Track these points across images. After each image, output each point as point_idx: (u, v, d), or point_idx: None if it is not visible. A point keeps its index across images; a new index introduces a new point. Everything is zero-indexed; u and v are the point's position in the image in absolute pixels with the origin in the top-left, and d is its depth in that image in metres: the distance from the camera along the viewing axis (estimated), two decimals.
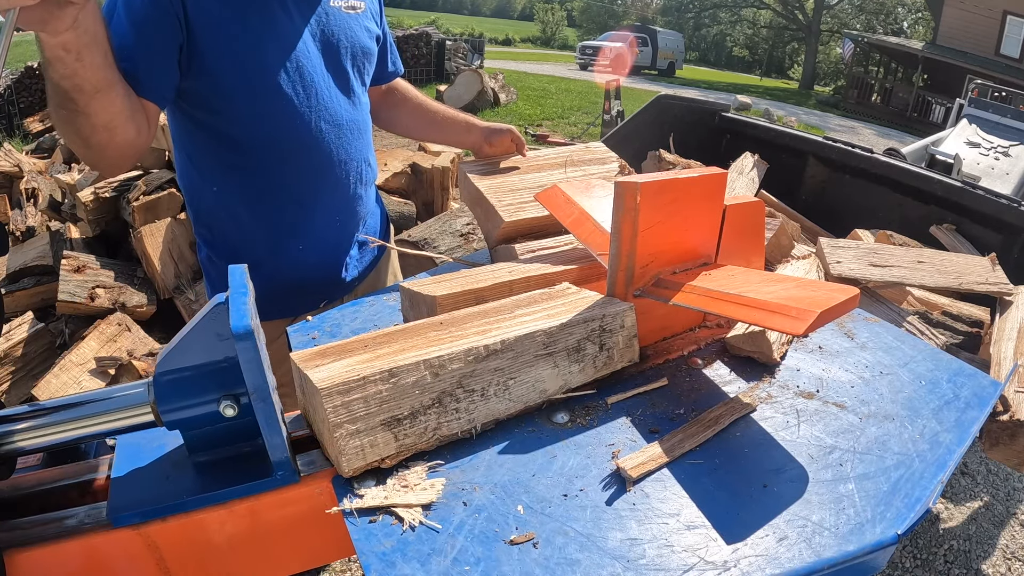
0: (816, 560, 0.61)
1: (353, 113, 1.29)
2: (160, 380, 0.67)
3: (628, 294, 0.88)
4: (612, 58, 20.91)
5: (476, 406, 0.73)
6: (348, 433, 0.66)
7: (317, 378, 0.67)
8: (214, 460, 0.71)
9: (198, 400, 0.68)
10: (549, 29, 46.49)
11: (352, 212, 1.35)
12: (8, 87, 8.12)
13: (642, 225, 0.84)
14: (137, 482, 0.69)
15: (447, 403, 0.71)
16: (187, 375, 0.67)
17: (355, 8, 1.28)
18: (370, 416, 0.67)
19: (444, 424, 0.71)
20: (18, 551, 0.62)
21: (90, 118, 0.97)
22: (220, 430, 0.70)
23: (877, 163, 2.20)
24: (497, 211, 1.21)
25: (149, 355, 2.62)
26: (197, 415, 0.69)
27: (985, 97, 6.49)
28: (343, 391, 0.66)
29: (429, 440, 0.71)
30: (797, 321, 0.70)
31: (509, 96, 11.68)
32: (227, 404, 0.67)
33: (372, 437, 0.67)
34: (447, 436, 0.72)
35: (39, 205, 3.98)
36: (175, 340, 0.67)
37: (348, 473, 0.67)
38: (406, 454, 0.70)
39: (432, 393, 0.70)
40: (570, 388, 0.81)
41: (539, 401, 0.78)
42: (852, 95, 18.98)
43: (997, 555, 2.19)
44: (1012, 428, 1.09)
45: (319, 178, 1.26)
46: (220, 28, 1.09)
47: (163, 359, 0.67)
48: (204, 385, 0.68)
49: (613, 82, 7.71)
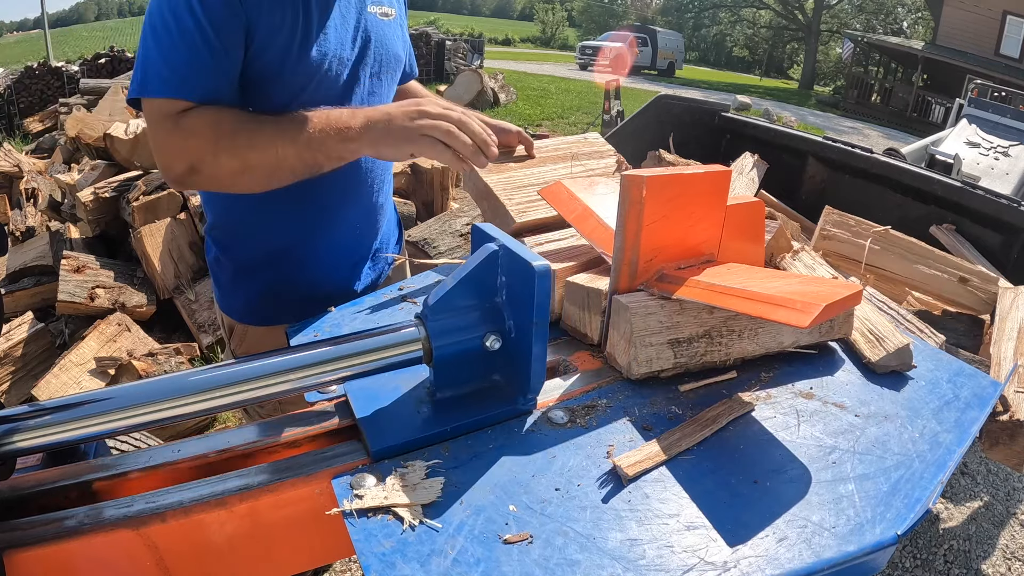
0: (816, 560, 0.61)
1: None
2: (433, 318, 0.75)
3: (632, 287, 0.89)
4: (612, 58, 20.92)
5: (732, 343, 0.88)
6: (644, 343, 0.82)
7: (627, 300, 0.84)
8: (455, 396, 0.79)
9: (467, 336, 0.77)
10: (549, 29, 46.51)
11: (372, 221, 1.35)
12: (8, 87, 8.12)
13: (647, 219, 0.85)
14: (387, 421, 0.76)
15: (713, 336, 0.86)
16: (457, 314, 0.76)
17: (388, 15, 1.26)
18: (660, 334, 0.83)
19: (708, 352, 0.86)
20: (18, 551, 0.62)
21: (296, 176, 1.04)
22: (471, 364, 0.79)
23: (877, 163, 2.20)
24: (508, 211, 1.22)
25: (149, 355, 2.63)
26: (462, 349, 0.77)
27: (985, 97, 6.49)
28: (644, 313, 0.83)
29: (696, 363, 0.86)
30: (802, 314, 0.70)
31: (509, 96, 11.68)
32: (494, 338, 0.77)
33: (659, 349, 0.83)
34: (708, 363, 0.87)
35: (39, 205, 3.99)
36: (448, 283, 0.75)
37: (636, 376, 0.83)
38: (679, 370, 0.86)
39: (705, 327, 0.85)
40: (799, 344, 0.93)
41: (776, 349, 0.91)
42: (852, 95, 18.99)
43: (997, 555, 2.19)
44: (1012, 428, 1.08)
45: (345, 185, 1.25)
46: (272, 30, 1.05)
47: (437, 301, 0.75)
48: (471, 322, 0.77)
49: (613, 82, 7.72)
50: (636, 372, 0.84)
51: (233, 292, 1.34)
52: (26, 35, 43.28)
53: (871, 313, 1.02)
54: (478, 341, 0.77)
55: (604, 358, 0.91)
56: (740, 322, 0.88)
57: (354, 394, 0.80)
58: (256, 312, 1.33)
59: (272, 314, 1.32)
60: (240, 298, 1.34)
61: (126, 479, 0.74)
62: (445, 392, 0.79)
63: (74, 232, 3.25)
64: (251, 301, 1.33)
